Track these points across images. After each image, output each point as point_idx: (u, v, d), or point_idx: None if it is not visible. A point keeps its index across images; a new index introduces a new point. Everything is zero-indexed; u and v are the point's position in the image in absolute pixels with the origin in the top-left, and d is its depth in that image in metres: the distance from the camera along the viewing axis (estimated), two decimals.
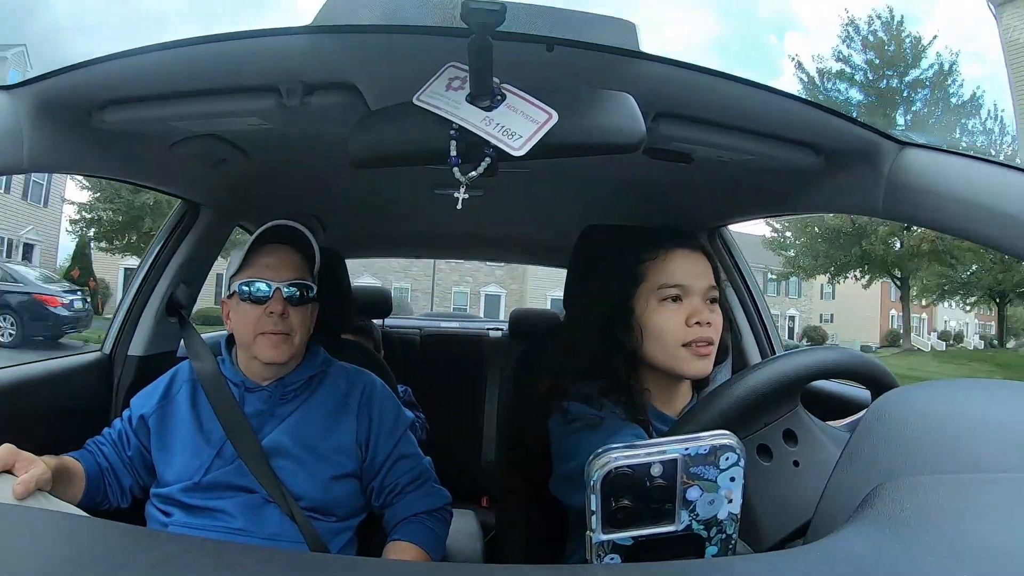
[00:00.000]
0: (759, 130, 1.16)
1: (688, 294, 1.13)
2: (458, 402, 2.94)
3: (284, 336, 1.30)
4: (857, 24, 20.20)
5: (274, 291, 1.30)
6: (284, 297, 1.31)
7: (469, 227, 2.58)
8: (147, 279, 1.80)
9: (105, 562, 0.46)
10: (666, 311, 1.13)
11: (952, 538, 0.44)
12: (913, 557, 0.43)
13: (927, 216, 1.06)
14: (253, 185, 1.74)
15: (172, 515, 1.28)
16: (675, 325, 1.12)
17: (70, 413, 1.58)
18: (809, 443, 0.84)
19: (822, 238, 21.30)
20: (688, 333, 1.11)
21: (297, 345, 1.33)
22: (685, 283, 1.13)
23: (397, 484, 1.36)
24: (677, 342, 1.11)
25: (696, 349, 1.11)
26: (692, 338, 1.11)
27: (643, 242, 1.19)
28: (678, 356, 1.11)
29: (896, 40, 19.81)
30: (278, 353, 1.30)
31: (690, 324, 1.11)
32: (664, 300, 1.13)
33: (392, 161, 0.97)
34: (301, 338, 1.34)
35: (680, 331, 1.11)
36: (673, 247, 1.16)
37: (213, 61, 1.02)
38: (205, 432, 1.31)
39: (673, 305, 1.13)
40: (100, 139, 1.20)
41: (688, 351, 1.11)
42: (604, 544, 0.55)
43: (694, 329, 1.11)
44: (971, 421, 0.58)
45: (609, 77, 0.96)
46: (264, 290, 1.30)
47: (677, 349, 1.11)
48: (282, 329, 1.30)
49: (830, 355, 0.90)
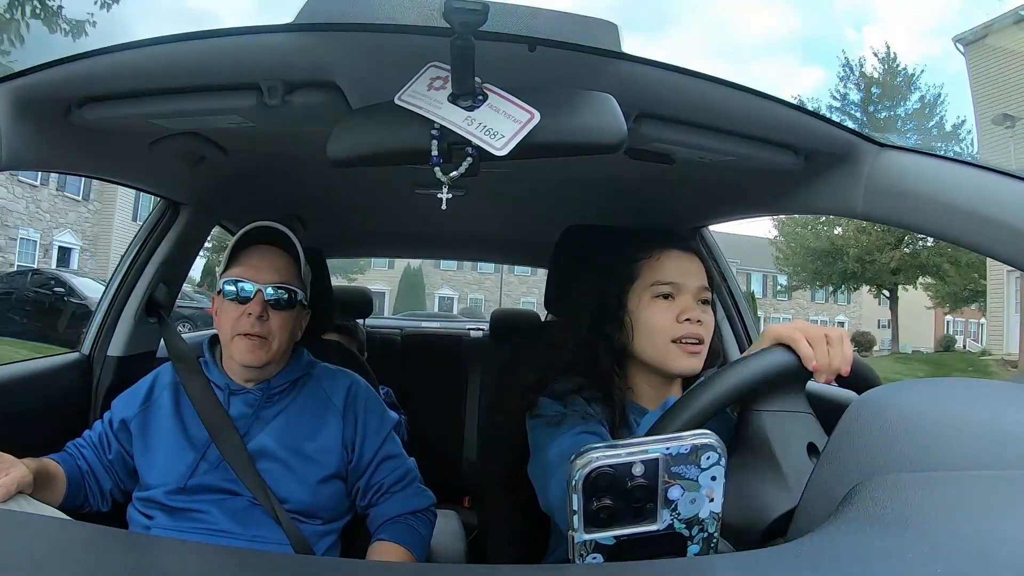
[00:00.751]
0: (740, 131, 1.16)
1: (680, 292, 1.15)
2: (439, 402, 2.93)
3: (261, 340, 1.28)
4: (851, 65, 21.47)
5: (256, 292, 1.28)
6: (265, 299, 1.29)
7: (451, 227, 2.58)
8: (126, 279, 1.77)
9: (85, 565, 0.46)
10: (657, 307, 1.15)
11: (931, 535, 0.44)
12: (893, 554, 0.43)
13: (905, 217, 1.08)
14: (234, 184, 1.72)
15: (154, 518, 1.26)
16: (666, 321, 1.14)
17: (49, 414, 1.55)
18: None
19: (811, 256, 22.23)
20: (678, 329, 1.13)
21: (275, 351, 1.30)
22: (678, 281, 1.15)
23: (382, 484, 1.36)
24: (667, 338, 1.13)
25: (686, 346, 1.13)
26: (682, 334, 1.13)
27: (637, 241, 1.21)
28: (668, 352, 1.14)
29: (891, 73, 20.96)
30: (253, 356, 1.28)
31: (680, 320, 1.13)
32: (656, 297, 1.15)
33: (373, 160, 0.97)
34: (280, 343, 1.31)
35: (670, 327, 1.13)
36: (667, 247, 1.19)
37: (193, 58, 1.00)
38: (189, 435, 1.30)
39: (665, 302, 1.15)
40: (79, 136, 1.18)
41: (678, 347, 1.13)
42: (586, 543, 0.55)
43: (684, 325, 1.13)
44: (950, 419, 0.59)
45: (591, 78, 0.96)
46: (247, 290, 1.28)
47: (667, 345, 1.13)
48: (259, 332, 1.27)
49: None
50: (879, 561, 0.43)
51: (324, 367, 1.44)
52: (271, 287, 1.29)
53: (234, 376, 1.34)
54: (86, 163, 1.32)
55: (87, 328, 1.81)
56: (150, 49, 0.98)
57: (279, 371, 1.36)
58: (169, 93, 1.09)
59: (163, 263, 1.79)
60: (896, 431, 0.56)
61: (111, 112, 1.12)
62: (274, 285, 1.29)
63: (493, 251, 3.33)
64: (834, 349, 0.88)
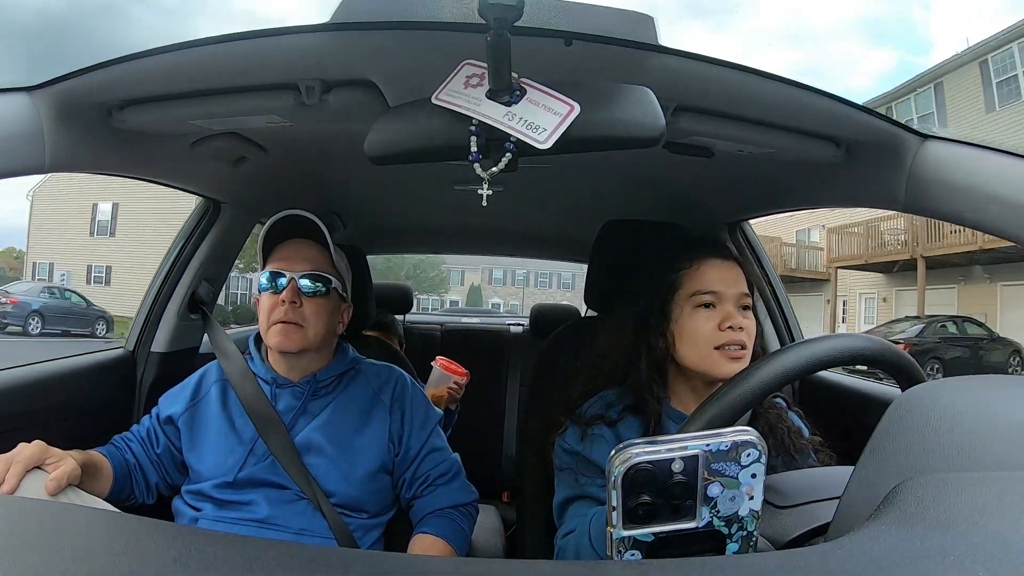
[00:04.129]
0: (779, 123, 1.15)
1: (721, 300, 1.17)
2: (479, 397, 2.94)
3: (295, 326, 1.30)
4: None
5: (288, 281, 1.31)
6: (298, 287, 1.31)
7: (489, 223, 2.58)
8: (169, 276, 1.82)
9: (132, 556, 0.47)
10: (700, 316, 1.17)
11: (974, 536, 0.43)
12: (935, 555, 0.42)
13: (950, 209, 1.04)
14: (273, 182, 1.75)
15: (202, 510, 1.29)
16: (708, 329, 1.16)
17: (94, 409, 1.60)
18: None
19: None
20: (721, 336, 1.15)
21: (312, 338, 1.32)
22: (718, 290, 1.17)
23: (428, 476, 1.37)
24: (710, 345, 1.15)
25: (729, 352, 1.15)
26: (724, 341, 1.15)
27: (678, 251, 1.24)
28: (711, 358, 1.15)
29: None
30: (286, 340, 1.30)
31: (723, 328, 1.15)
32: (698, 306, 1.18)
33: (411, 157, 0.97)
34: (317, 331, 1.33)
35: (713, 334, 1.15)
36: (707, 256, 1.21)
37: (231, 60, 1.02)
38: (237, 430, 1.33)
39: (707, 311, 1.17)
40: (120, 139, 1.21)
41: (721, 354, 1.15)
42: (625, 540, 0.55)
43: (727, 333, 1.15)
44: (996, 418, 0.57)
45: (628, 71, 0.96)
46: (281, 281, 1.31)
47: (710, 352, 1.15)
48: (292, 318, 1.29)
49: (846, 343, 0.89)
50: (920, 562, 0.42)
51: (369, 363, 1.46)
52: (301, 275, 1.32)
53: (279, 370, 1.37)
54: (128, 165, 1.35)
55: (131, 325, 1.86)
56: (188, 51, 0.99)
57: (324, 365, 1.38)
58: (207, 95, 1.11)
59: (205, 261, 1.83)
60: (939, 429, 0.55)
61: (151, 114, 1.15)
62: (304, 273, 1.32)
63: (532, 246, 3.33)
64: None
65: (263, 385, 1.36)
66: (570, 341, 1.56)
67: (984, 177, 0.98)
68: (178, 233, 1.89)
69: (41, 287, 20.22)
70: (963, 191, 1.01)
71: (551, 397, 1.35)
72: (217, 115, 1.18)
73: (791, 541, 0.63)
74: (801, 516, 0.66)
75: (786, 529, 0.65)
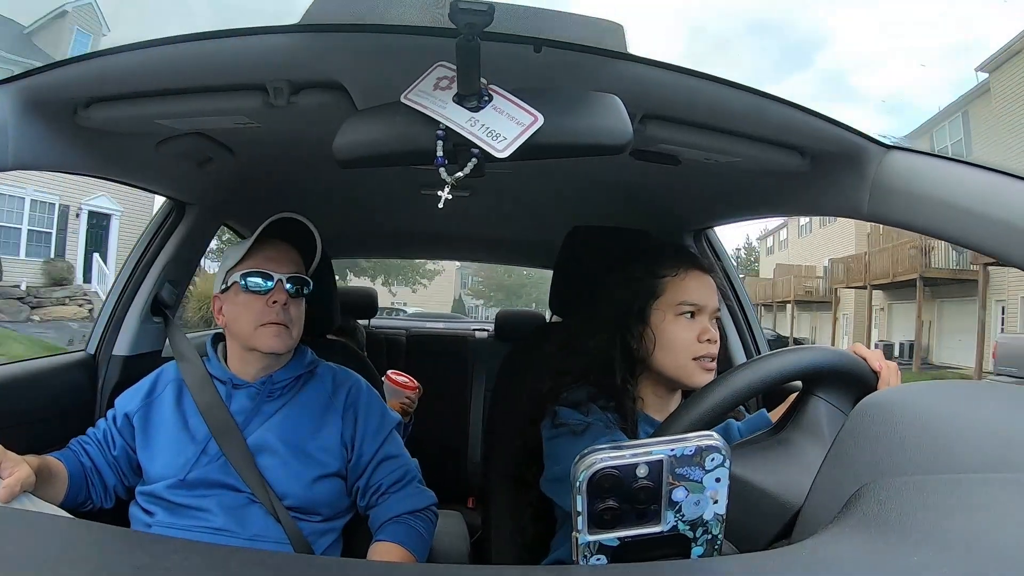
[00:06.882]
0: (746, 132, 1.16)
1: (701, 312, 1.22)
2: (444, 403, 2.93)
3: (285, 327, 1.33)
4: None
5: (276, 282, 1.33)
6: (285, 289, 1.33)
7: (456, 228, 2.58)
8: (132, 278, 1.78)
9: (89, 563, 0.46)
10: (681, 325, 1.21)
11: (936, 538, 0.44)
12: (898, 557, 0.43)
13: (912, 218, 1.07)
14: (240, 184, 1.72)
15: (155, 515, 1.27)
16: (688, 339, 1.20)
17: (55, 413, 1.56)
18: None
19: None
20: (699, 348, 1.20)
21: (295, 339, 1.36)
22: (700, 303, 1.22)
23: (381, 485, 1.36)
24: (689, 355, 1.20)
25: (704, 363, 1.20)
26: (703, 353, 1.20)
27: (662, 257, 1.27)
28: (688, 368, 1.20)
29: None
30: (280, 342, 1.32)
31: (701, 340, 1.20)
32: (680, 315, 1.22)
33: (378, 161, 0.97)
34: (298, 332, 1.37)
35: (693, 345, 1.20)
36: (690, 267, 1.25)
37: (199, 59, 1.01)
38: (190, 429, 1.32)
39: (688, 321, 1.22)
40: (86, 137, 1.19)
41: (697, 364, 1.20)
42: (590, 545, 0.55)
43: (704, 345, 1.20)
44: (956, 422, 0.58)
45: (597, 78, 0.96)
46: (270, 281, 1.33)
47: (688, 361, 1.20)
48: (283, 320, 1.32)
49: (807, 355, 0.91)
50: (883, 564, 0.43)
51: (327, 366, 1.46)
52: (289, 277, 1.35)
53: (240, 371, 1.37)
54: (93, 163, 1.33)
55: (92, 327, 1.82)
56: (156, 50, 0.98)
57: (281, 366, 1.39)
58: (175, 94, 1.10)
59: (169, 263, 1.79)
60: (903, 433, 0.56)
61: (117, 112, 1.13)
62: (291, 275, 1.35)
63: (498, 252, 3.34)
64: (894, 380, 0.96)
65: (218, 385, 1.35)
66: (536, 346, 1.56)
67: (946, 187, 1.00)
68: (142, 234, 1.85)
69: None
70: (925, 201, 1.03)
71: (518, 400, 1.35)
72: (184, 115, 1.16)
73: (755, 545, 0.64)
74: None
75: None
